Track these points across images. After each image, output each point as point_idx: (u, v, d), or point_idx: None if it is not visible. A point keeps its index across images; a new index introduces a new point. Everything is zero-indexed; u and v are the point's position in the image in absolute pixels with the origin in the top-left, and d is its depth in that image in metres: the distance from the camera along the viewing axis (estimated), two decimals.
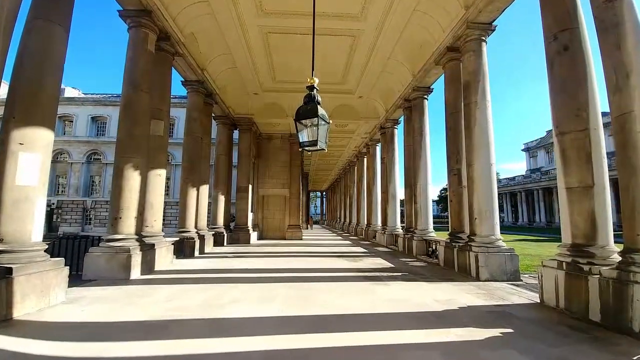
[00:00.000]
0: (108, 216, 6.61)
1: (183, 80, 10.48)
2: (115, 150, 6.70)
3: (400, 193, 14.43)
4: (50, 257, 7.35)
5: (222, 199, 13.67)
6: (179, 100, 31.54)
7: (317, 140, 4.21)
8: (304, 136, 4.31)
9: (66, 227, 34.42)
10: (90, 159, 35.52)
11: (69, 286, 5.48)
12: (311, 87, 4.34)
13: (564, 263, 4.73)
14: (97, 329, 3.57)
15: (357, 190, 22.03)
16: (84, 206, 34.81)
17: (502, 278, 6.39)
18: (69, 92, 38.01)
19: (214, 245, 12.04)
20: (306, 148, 4.31)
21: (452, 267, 7.52)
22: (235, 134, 15.40)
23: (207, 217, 12.59)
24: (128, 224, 6.38)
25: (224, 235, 13.02)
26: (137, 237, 6.53)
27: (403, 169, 12.26)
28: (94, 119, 35.86)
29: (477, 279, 6.41)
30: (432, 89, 10.85)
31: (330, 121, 4.44)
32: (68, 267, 4.91)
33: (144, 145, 6.89)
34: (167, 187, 34.99)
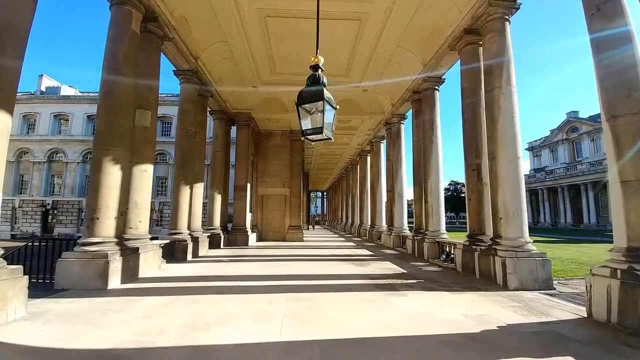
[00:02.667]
0: (84, 216, 5.83)
1: (175, 69, 9.70)
2: (94, 142, 5.93)
3: (407, 192, 13.67)
4: (24, 262, 6.50)
5: (218, 199, 12.89)
6: (177, 98, 30.78)
7: (322, 128, 3.50)
8: (307, 123, 3.61)
9: (61, 228, 33.61)
10: (87, 158, 34.62)
11: (37, 297, 4.81)
12: (315, 67, 3.69)
13: (618, 271, 3.99)
14: (47, 358, 2.81)
15: (360, 190, 21.24)
16: (79, 207, 33.97)
17: (533, 286, 5.60)
18: (65, 90, 37.30)
19: (210, 248, 11.26)
20: (309, 137, 3.61)
21: (472, 273, 6.73)
22: (233, 131, 14.60)
23: (203, 218, 11.82)
24: (106, 225, 5.59)
25: (220, 237, 12.23)
26: (117, 240, 5.74)
27: (412, 167, 11.46)
28: (90, 117, 35.02)
29: (505, 287, 5.62)
30: (444, 79, 10.08)
31: (338, 107, 3.73)
32: (27, 276, 4.14)
33: (126, 137, 6.10)
34: (164, 187, 34.21)
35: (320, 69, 3.72)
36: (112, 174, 5.72)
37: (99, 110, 6.00)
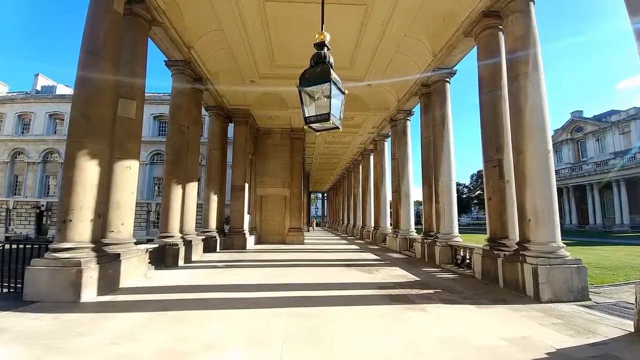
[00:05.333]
0: (56, 218, 5.11)
1: (166, 60, 9.02)
2: (67, 134, 5.23)
3: (414, 192, 12.97)
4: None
5: (214, 200, 12.19)
6: None
7: (328, 114, 2.87)
8: (311, 110, 2.98)
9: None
10: None
11: (4, 309, 4.16)
12: (321, 45, 3.05)
13: None
14: None
15: (363, 190, 20.55)
16: None
17: (568, 298, 4.91)
18: (61, 89, 36.64)
19: (205, 252, 10.55)
20: (313, 125, 3.02)
21: (495, 282, 6.02)
22: (230, 131, 13.86)
23: (198, 219, 11.10)
24: (81, 229, 4.88)
25: (216, 240, 11.53)
26: (94, 245, 5.03)
27: (420, 165, 10.77)
28: None
29: (537, 299, 4.91)
30: (456, 70, 9.41)
31: (346, 91, 3.09)
32: None
33: (106, 130, 5.40)
34: (163, 188, 33.50)
35: (326, 47, 3.08)
36: (88, 171, 5.02)
37: (74, 99, 5.33)
